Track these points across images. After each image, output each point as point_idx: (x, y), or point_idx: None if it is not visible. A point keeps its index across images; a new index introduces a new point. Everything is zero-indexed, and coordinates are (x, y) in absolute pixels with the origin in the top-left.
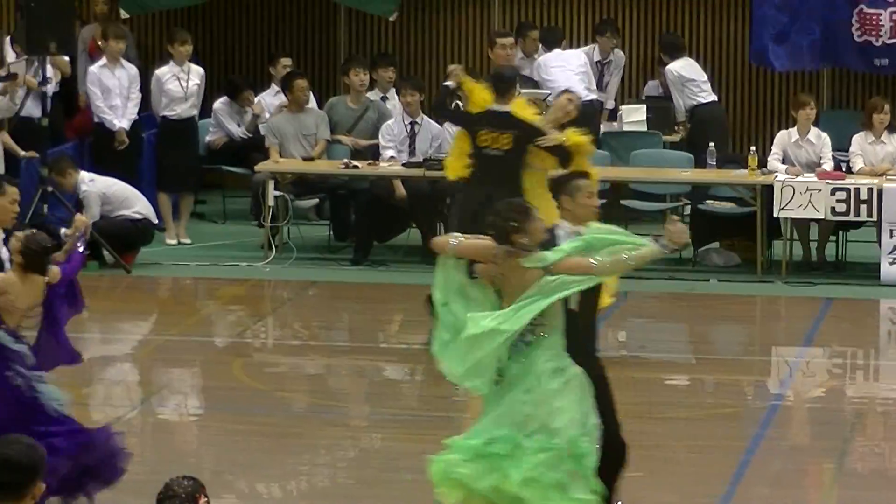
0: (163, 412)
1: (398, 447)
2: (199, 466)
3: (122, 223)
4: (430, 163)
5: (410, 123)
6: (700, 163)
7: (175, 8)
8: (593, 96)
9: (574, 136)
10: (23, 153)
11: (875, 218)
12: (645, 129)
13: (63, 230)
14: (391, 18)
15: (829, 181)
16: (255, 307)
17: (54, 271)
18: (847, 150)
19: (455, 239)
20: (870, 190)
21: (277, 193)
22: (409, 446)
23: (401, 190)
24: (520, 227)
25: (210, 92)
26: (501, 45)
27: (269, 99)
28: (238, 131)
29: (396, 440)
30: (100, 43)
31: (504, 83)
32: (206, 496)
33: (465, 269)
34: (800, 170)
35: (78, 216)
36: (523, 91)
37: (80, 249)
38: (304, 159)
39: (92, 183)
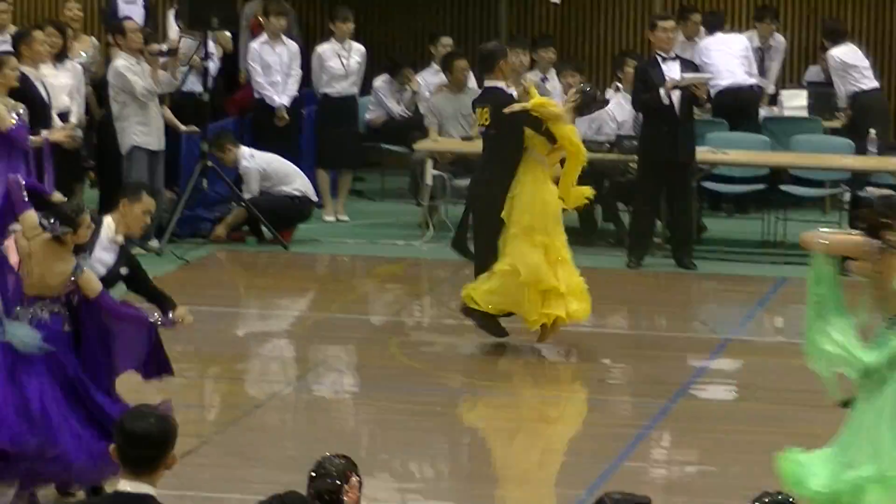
0: (318, 389)
1: (552, 430)
2: (354, 444)
3: (280, 199)
4: (589, 144)
5: None
6: (861, 150)
7: None
8: (753, 81)
9: (537, 100)
10: (183, 128)
11: None
12: (806, 114)
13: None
14: (555, 1)
15: None
16: (411, 286)
17: (90, 279)
18: None
19: (824, 236)
20: None
21: (436, 172)
22: (564, 428)
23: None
24: (892, 222)
25: (371, 70)
26: (662, 28)
27: (429, 78)
28: (398, 109)
29: (551, 422)
30: (261, 19)
31: (486, 58)
32: (357, 475)
33: (837, 265)
34: None
35: (183, 314)
36: (685, 75)
37: (158, 321)
38: (463, 139)
39: (252, 159)
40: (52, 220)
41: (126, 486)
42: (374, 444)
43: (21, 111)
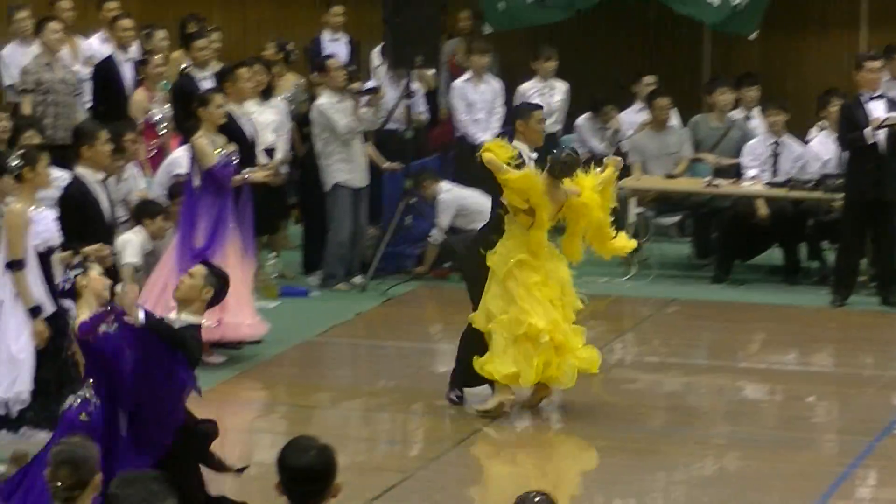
0: (521, 426)
1: (756, 467)
2: (556, 482)
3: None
4: (794, 183)
5: (774, 143)
6: None
7: (541, 25)
8: None
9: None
10: (387, 164)
11: None
12: None
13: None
14: (751, 38)
15: None
16: (614, 323)
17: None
18: None
19: None
20: None
21: (639, 210)
22: (767, 467)
23: (763, 209)
24: None
25: (573, 108)
26: (869, 69)
27: (632, 116)
28: (600, 147)
29: (754, 460)
30: (457, 58)
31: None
32: None
33: None
34: None
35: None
36: (891, 114)
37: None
38: (667, 177)
39: (449, 192)
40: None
41: None
42: (577, 482)
43: (232, 150)
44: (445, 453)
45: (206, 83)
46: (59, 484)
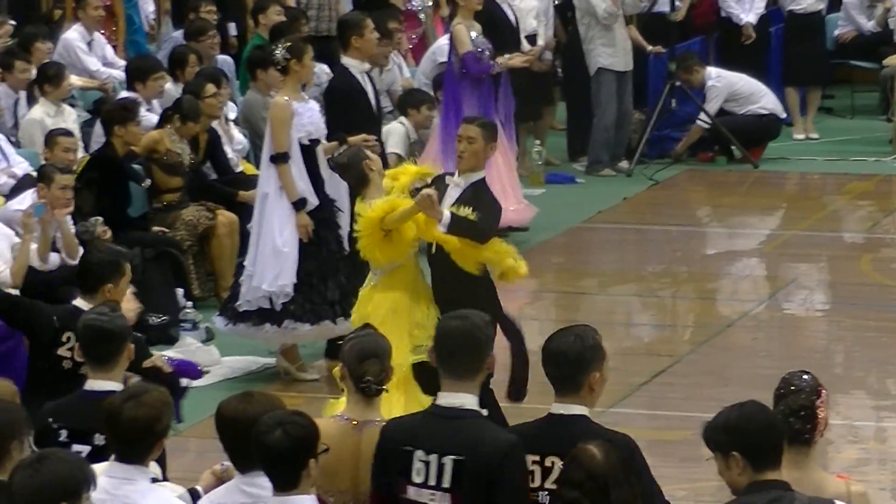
0: (789, 307)
1: None
2: (826, 362)
3: (748, 118)
4: None
5: None
6: None
7: None
8: None
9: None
10: (650, 48)
11: None
12: None
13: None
14: None
15: None
16: (883, 202)
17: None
18: None
19: None
20: None
21: None
22: None
23: None
24: None
25: None
26: None
27: None
28: (868, 25)
29: None
30: None
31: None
32: (824, 392)
33: None
34: None
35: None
36: None
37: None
38: None
39: (719, 79)
40: None
41: (559, 408)
42: (848, 362)
43: (485, 42)
44: (714, 336)
45: None
46: (370, 378)
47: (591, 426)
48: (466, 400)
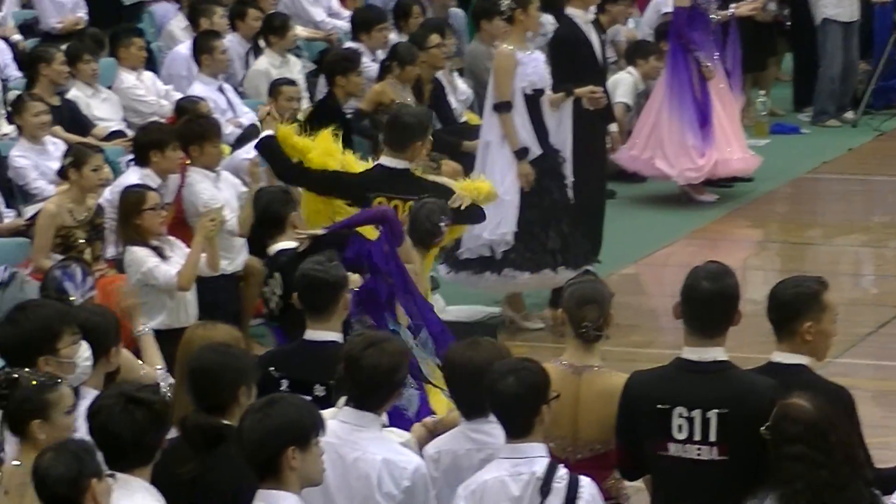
0: None
1: None
2: None
3: None
4: None
5: None
6: None
7: None
8: None
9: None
10: None
11: None
12: None
13: None
14: None
15: None
16: None
17: None
18: None
19: None
20: None
21: None
22: None
23: None
24: None
25: None
26: None
27: None
28: None
29: None
30: None
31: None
32: None
33: None
34: None
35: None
36: None
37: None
38: None
39: None
40: None
41: (778, 356)
42: None
43: None
44: None
45: None
46: (588, 323)
47: (807, 376)
48: (717, 353)
